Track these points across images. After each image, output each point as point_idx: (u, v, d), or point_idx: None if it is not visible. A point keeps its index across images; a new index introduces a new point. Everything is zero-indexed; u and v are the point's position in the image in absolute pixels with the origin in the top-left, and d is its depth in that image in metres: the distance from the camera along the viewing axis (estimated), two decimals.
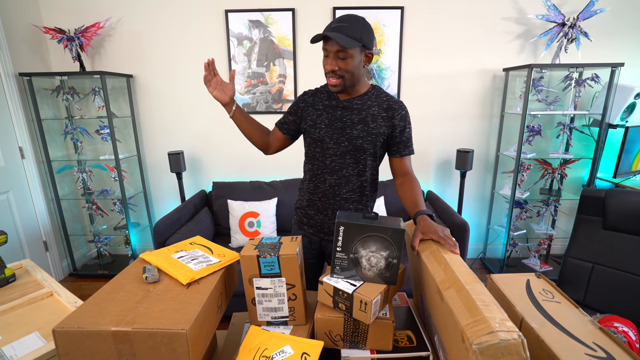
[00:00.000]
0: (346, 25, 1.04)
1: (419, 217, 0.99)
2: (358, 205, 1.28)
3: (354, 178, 1.23)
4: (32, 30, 2.51)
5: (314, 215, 1.30)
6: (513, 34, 2.55)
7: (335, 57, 1.08)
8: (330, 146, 1.21)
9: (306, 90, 1.30)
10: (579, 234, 1.63)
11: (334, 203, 1.26)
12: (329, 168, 1.23)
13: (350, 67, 1.09)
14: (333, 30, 1.04)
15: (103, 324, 0.67)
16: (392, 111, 1.18)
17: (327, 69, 1.10)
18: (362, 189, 1.26)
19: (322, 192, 1.26)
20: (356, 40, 1.05)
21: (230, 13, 2.54)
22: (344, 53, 1.07)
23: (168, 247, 1.01)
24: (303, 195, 1.34)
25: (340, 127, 1.19)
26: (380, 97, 1.21)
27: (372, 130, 1.18)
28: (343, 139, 1.19)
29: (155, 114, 2.78)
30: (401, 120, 1.19)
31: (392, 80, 2.66)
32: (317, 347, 0.75)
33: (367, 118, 1.18)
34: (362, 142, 1.18)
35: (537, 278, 0.93)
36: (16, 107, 2.38)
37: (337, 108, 1.20)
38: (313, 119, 1.23)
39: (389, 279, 0.83)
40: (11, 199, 2.37)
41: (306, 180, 1.31)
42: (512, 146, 2.62)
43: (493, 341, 0.54)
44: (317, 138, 1.22)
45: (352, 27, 1.05)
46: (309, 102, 1.25)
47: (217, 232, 2.66)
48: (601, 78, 2.42)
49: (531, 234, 2.81)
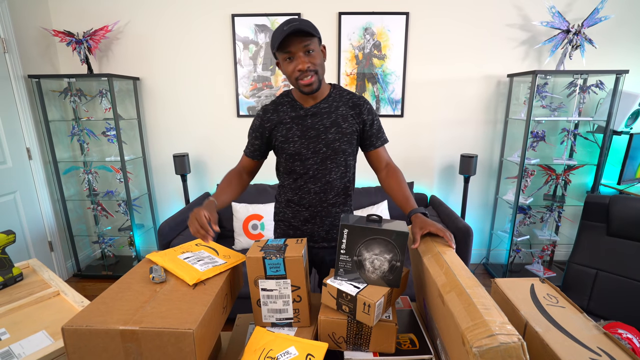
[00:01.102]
0: (298, 23, 1.01)
1: (414, 215, 1.02)
2: (344, 208, 1.27)
3: (337, 182, 1.22)
4: (42, 33, 2.55)
5: (300, 226, 1.27)
6: (518, 40, 2.56)
7: (303, 54, 1.04)
8: (309, 156, 1.17)
9: (263, 107, 1.22)
10: (582, 240, 1.63)
11: (322, 210, 1.24)
12: (312, 177, 1.20)
13: (319, 60, 1.08)
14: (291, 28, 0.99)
15: (111, 323, 0.68)
16: (359, 107, 1.18)
17: (299, 67, 1.04)
18: (345, 190, 1.25)
19: (309, 202, 1.23)
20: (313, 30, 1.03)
21: (237, 17, 2.57)
22: (309, 46, 1.03)
23: (174, 248, 1.02)
24: (285, 207, 1.29)
25: (314, 135, 1.16)
26: (343, 95, 1.20)
27: (346, 130, 1.17)
28: (320, 145, 1.16)
29: (160, 116, 2.81)
30: (369, 114, 1.20)
31: (397, 85, 2.67)
32: (322, 349, 0.75)
33: (338, 119, 1.16)
34: (340, 144, 1.17)
35: (542, 283, 0.93)
36: (24, 108, 2.41)
37: (306, 117, 1.16)
38: (284, 134, 1.17)
39: (392, 282, 0.84)
40: (18, 199, 2.40)
41: (287, 192, 1.26)
42: (516, 152, 2.62)
43: (493, 344, 0.55)
44: (293, 152, 1.18)
45: (304, 23, 1.02)
46: (274, 119, 1.19)
47: (221, 234, 2.67)
48: (606, 85, 2.42)
49: (535, 239, 2.80)
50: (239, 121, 2.79)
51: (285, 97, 1.21)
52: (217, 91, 2.74)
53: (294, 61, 1.05)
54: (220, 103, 2.76)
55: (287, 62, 1.06)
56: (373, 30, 2.57)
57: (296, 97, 1.19)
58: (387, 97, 2.70)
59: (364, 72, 2.65)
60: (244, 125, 2.79)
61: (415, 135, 2.78)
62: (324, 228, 1.26)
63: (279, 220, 1.33)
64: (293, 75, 1.07)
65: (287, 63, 1.07)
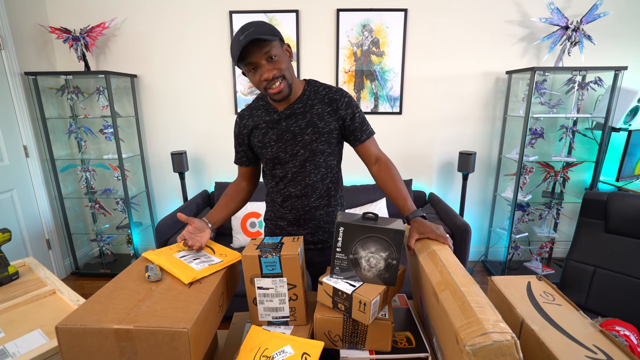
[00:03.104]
0: (253, 29, 0.96)
1: (413, 219, 1.00)
2: (328, 209, 1.24)
3: (318, 184, 1.18)
4: (38, 30, 2.53)
5: (286, 226, 1.26)
6: (516, 36, 2.55)
7: (266, 62, 1.00)
8: (287, 159, 1.15)
9: (240, 113, 1.21)
10: (580, 237, 1.62)
11: (304, 214, 1.21)
12: (292, 181, 1.18)
13: (284, 64, 1.03)
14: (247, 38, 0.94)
15: (105, 322, 0.67)
16: (335, 103, 1.13)
17: (265, 77, 1.00)
18: (328, 191, 1.22)
19: (291, 205, 1.21)
20: (272, 33, 0.99)
21: (235, 14, 2.56)
22: (271, 52, 0.99)
23: (170, 247, 1.02)
24: (271, 207, 1.29)
25: (290, 138, 1.13)
26: (318, 92, 1.15)
27: (323, 130, 1.13)
28: (297, 147, 1.13)
29: (158, 113, 2.79)
30: (347, 108, 1.14)
31: (395, 82, 2.66)
32: (318, 348, 0.75)
33: (313, 119, 1.12)
34: (317, 144, 1.13)
35: (538, 280, 0.93)
36: (21, 106, 2.40)
37: (280, 120, 1.13)
38: (260, 139, 1.16)
39: (388, 280, 0.83)
40: (15, 197, 2.39)
41: (272, 194, 1.26)
42: (515, 149, 2.62)
43: (486, 342, 0.54)
44: (271, 157, 1.16)
45: (260, 27, 0.98)
46: (249, 125, 1.17)
47: (219, 232, 2.67)
48: (604, 81, 2.41)
49: (533, 236, 2.81)
50: None
51: (260, 101, 1.18)
52: (215, 89, 2.73)
53: (258, 71, 1.02)
54: (218, 101, 2.75)
55: (252, 73, 1.03)
56: (371, 27, 2.56)
57: (269, 100, 1.15)
58: (385, 95, 2.69)
59: (362, 69, 2.64)
60: None
61: (413, 133, 2.78)
62: (308, 231, 1.24)
63: (267, 219, 1.34)
64: (260, 86, 1.04)
65: (252, 74, 1.03)
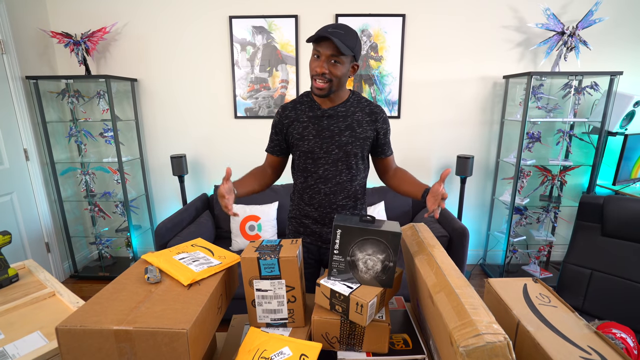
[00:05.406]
0: (343, 33, 1.05)
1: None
2: (354, 211, 1.30)
3: (347, 184, 1.25)
4: (40, 34, 2.55)
5: (310, 224, 1.31)
6: (513, 42, 2.58)
7: (327, 60, 1.08)
8: (321, 156, 1.22)
9: (283, 105, 1.28)
10: (577, 240, 1.63)
11: (331, 212, 1.27)
12: (322, 177, 1.24)
13: (339, 73, 1.10)
14: (331, 35, 1.04)
15: (105, 323, 0.68)
16: (375, 115, 1.23)
17: (317, 70, 1.09)
18: (355, 194, 1.28)
19: (318, 202, 1.26)
20: (350, 49, 1.07)
21: (234, 19, 2.58)
22: (337, 58, 1.08)
23: (170, 249, 1.02)
24: (297, 205, 1.34)
25: (328, 136, 1.20)
26: (361, 102, 1.24)
27: (360, 135, 1.21)
28: (333, 146, 1.20)
29: (158, 117, 2.81)
30: (384, 123, 1.25)
31: (393, 86, 2.68)
32: (316, 349, 0.76)
33: (353, 124, 1.20)
34: (352, 147, 1.20)
35: (534, 283, 0.94)
36: (22, 109, 2.41)
37: (322, 117, 1.20)
38: (300, 132, 1.22)
39: (385, 282, 0.84)
40: (15, 200, 2.40)
41: (299, 191, 1.31)
42: (512, 153, 2.63)
43: (479, 344, 0.55)
44: (306, 150, 1.22)
45: (348, 36, 1.06)
46: (292, 117, 1.24)
47: (218, 235, 2.67)
48: (600, 86, 2.44)
49: (531, 240, 2.81)
50: (237, 122, 2.79)
51: (305, 97, 1.26)
52: (215, 93, 2.75)
53: (318, 61, 1.10)
54: (218, 104, 2.77)
55: (314, 58, 1.11)
56: (370, 32, 2.58)
57: (315, 98, 1.22)
58: (383, 99, 2.71)
59: (360, 73, 2.66)
60: (242, 127, 2.80)
61: (411, 137, 2.79)
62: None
63: (291, 217, 1.38)
64: (311, 72, 1.12)
65: (313, 58, 1.12)
